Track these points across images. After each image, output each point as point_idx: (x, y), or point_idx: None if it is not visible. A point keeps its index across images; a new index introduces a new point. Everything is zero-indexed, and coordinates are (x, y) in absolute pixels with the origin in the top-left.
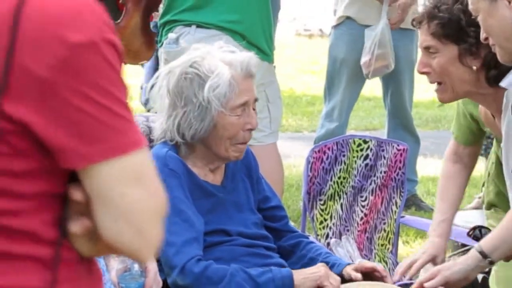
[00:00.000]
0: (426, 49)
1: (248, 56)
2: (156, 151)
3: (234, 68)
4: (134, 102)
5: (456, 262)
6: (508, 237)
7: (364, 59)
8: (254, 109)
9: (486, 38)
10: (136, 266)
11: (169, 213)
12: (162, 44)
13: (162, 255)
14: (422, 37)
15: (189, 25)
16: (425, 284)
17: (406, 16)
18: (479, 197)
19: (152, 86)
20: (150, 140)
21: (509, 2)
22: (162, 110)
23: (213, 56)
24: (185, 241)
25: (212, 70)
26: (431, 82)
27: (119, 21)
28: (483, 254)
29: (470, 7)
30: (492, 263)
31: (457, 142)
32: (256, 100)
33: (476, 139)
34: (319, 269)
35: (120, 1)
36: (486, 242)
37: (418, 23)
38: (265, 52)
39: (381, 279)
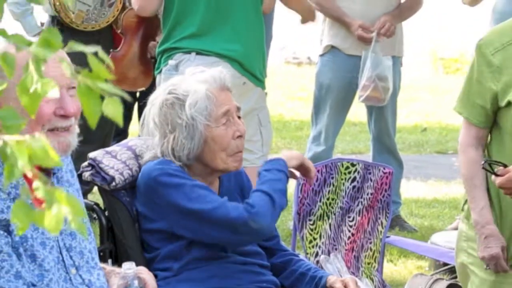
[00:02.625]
0: None
1: (219, 71)
2: (154, 161)
3: (208, 83)
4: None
5: None
6: None
7: (363, 82)
8: (239, 117)
9: None
10: (136, 283)
11: (191, 191)
12: (160, 71)
13: (216, 220)
14: None
15: (188, 52)
16: None
17: (394, 29)
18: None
19: (143, 124)
20: None
21: None
22: (153, 143)
23: (187, 79)
24: (222, 200)
25: (188, 90)
26: None
27: (117, 50)
28: None
29: None
30: None
31: (474, 125)
32: (238, 109)
33: (490, 120)
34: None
35: (119, 31)
36: None
37: None
38: (259, 79)
39: None
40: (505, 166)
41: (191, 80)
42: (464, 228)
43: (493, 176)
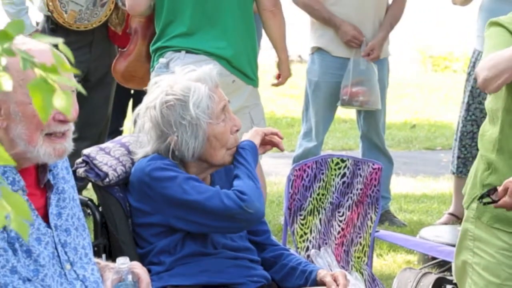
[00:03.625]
0: None
1: (209, 68)
2: (147, 157)
3: (205, 82)
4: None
5: None
6: None
7: (345, 84)
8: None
9: None
10: (129, 277)
11: (185, 183)
12: (154, 69)
13: (211, 210)
14: None
15: (179, 51)
16: None
17: (381, 51)
18: (449, 213)
19: (135, 122)
20: None
21: None
22: (148, 143)
23: (180, 79)
24: (215, 189)
25: (188, 89)
26: None
27: (125, 49)
28: None
29: None
30: None
31: None
32: (229, 101)
33: None
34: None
35: (127, 31)
36: None
37: None
38: (250, 77)
39: None
40: (495, 189)
41: (185, 79)
42: (471, 227)
43: (495, 205)
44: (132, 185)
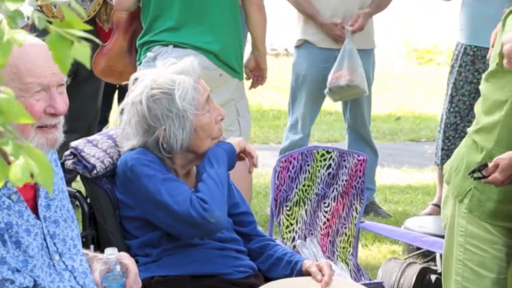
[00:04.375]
0: None
1: (191, 60)
2: (130, 151)
3: (189, 74)
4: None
5: None
6: None
7: (332, 76)
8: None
9: None
10: (118, 268)
11: (160, 183)
12: (140, 63)
13: (177, 215)
14: None
15: (166, 45)
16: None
17: (365, 25)
18: (433, 204)
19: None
20: None
21: None
22: (135, 136)
23: (163, 73)
24: (186, 195)
25: (173, 82)
26: None
27: (106, 44)
28: None
29: None
30: None
31: None
32: (211, 91)
33: None
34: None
35: (109, 26)
36: None
37: None
38: (236, 70)
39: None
40: (486, 165)
41: (168, 72)
42: (463, 222)
43: (485, 180)
44: (117, 177)
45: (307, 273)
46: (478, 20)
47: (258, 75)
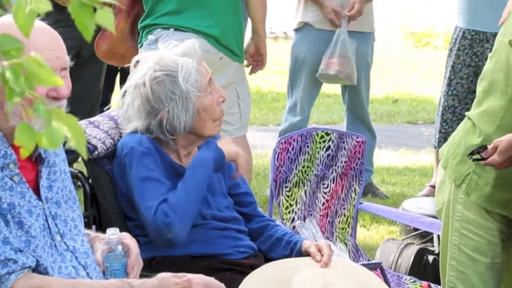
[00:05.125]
0: None
1: (192, 43)
2: (131, 135)
3: (191, 56)
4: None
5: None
6: None
7: (324, 61)
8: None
9: None
10: (119, 248)
11: (140, 182)
12: (142, 45)
13: (145, 218)
14: None
15: (167, 28)
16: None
17: (363, 10)
18: (430, 185)
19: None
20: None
21: None
22: (138, 119)
23: (166, 55)
24: (157, 202)
25: (176, 64)
26: None
27: None
28: None
29: None
30: None
31: None
32: (212, 73)
33: None
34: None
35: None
36: None
37: None
38: (236, 54)
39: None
40: (485, 147)
41: (170, 54)
42: (460, 207)
43: (483, 162)
44: (115, 160)
45: (307, 253)
46: (476, 5)
47: (257, 60)
